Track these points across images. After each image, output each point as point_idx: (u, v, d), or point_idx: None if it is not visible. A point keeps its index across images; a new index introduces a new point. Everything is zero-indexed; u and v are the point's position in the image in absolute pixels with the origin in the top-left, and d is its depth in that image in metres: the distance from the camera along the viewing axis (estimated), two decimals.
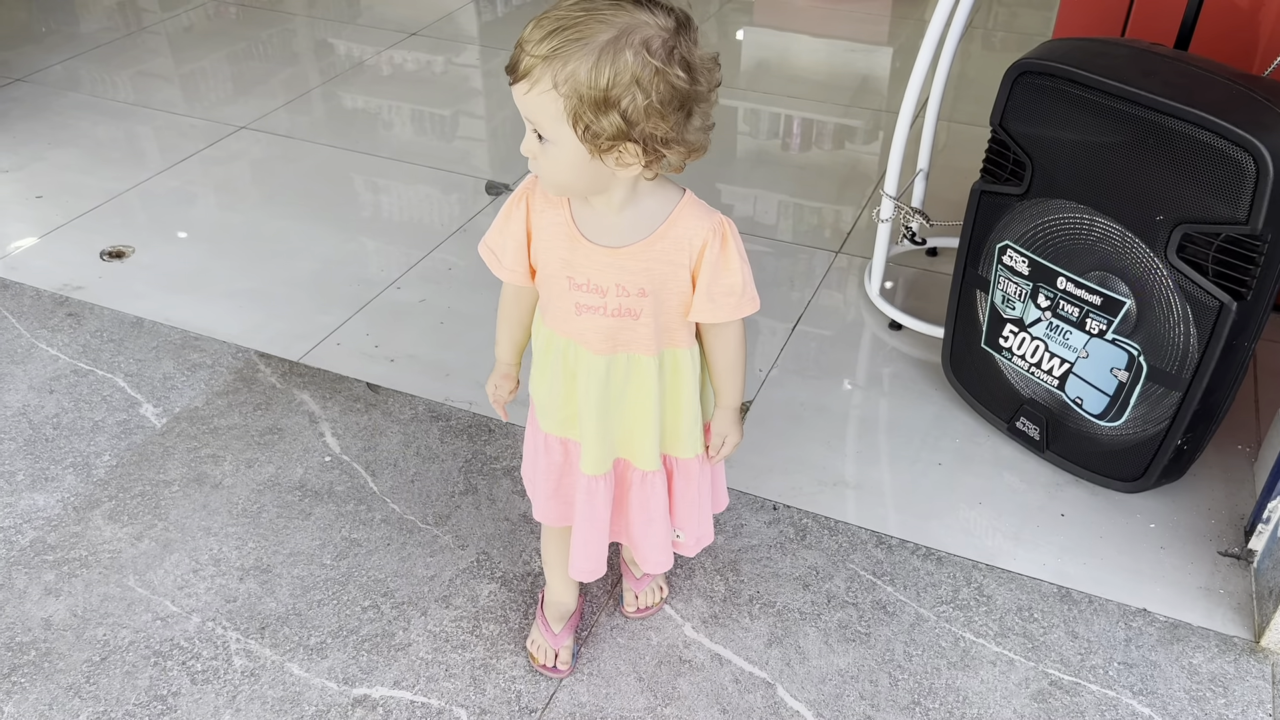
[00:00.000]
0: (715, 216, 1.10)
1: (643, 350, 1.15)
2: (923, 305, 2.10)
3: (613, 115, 0.95)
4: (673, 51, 0.96)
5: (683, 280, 1.11)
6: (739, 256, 1.10)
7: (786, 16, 3.63)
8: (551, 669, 1.38)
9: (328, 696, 1.36)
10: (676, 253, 1.09)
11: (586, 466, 1.23)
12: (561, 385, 1.20)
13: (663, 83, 0.95)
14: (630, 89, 0.95)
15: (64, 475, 1.69)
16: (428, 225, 2.40)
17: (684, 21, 0.98)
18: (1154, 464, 1.58)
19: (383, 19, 3.53)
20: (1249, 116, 1.34)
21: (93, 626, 1.44)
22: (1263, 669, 1.41)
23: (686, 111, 0.99)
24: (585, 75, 0.94)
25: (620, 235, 1.09)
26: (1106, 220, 1.51)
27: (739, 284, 1.11)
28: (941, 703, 1.36)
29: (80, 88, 3.00)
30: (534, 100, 0.98)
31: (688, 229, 1.09)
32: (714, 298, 1.12)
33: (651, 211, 1.09)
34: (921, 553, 1.57)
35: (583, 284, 1.12)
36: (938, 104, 2.02)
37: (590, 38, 0.94)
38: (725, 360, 1.20)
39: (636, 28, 0.95)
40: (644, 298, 1.11)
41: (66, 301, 2.10)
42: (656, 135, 0.97)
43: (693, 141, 1.01)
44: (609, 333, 1.14)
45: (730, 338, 1.18)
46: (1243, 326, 1.43)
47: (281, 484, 1.68)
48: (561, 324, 1.17)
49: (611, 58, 0.94)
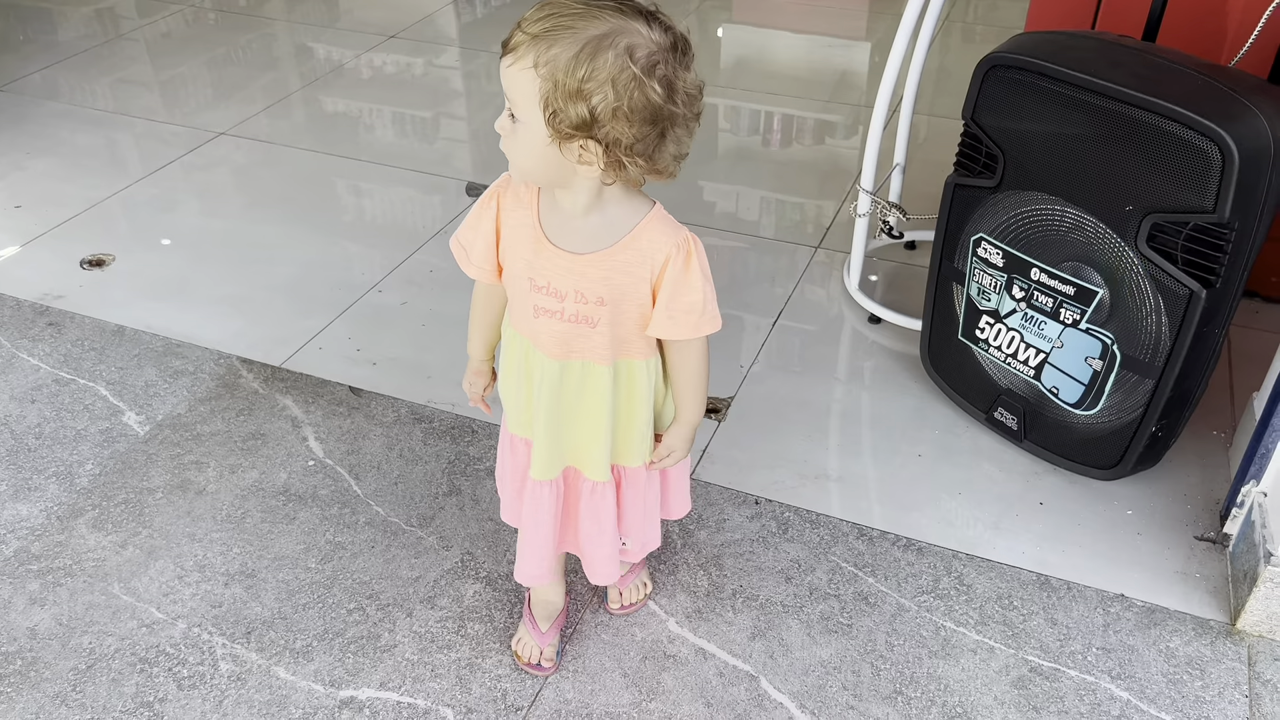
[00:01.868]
0: (681, 233, 1.09)
1: (597, 359, 1.15)
2: (902, 299, 2.11)
3: (580, 107, 0.96)
4: (655, 66, 0.96)
5: (643, 294, 1.11)
6: (702, 275, 1.10)
7: (765, 13, 3.64)
8: (536, 667, 1.39)
9: (314, 699, 1.37)
10: (638, 265, 1.09)
11: (535, 471, 1.24)
12: (523, 385, 1.21)
13: (638, 91, 0.96)
14: (604, 87, 0.95)
15: (47, 485, 1.69)
16: (409, 228, 2.40)
17: (680, 45, 0.98)
18: (1130, 451, 1.60)
19: (362, 22, 3.53)
20: (1214, 106, 1.36)
21: (78, 635, 1.45)
22: (1238, 651, 1.43)
23: (660, 130, 0.99)
24: (565, 63, 0.95)
25: (584, 242, 1.10)
26: (1078, 211, 1.52)
27: (699, 303, 1.11)
28: (923, 691, 1.38)
29: (59, 96, 2.99)
30: (514, 75, 0.98)
31: (652, 243, 1.09)
32: (673, 315, 1.11)
33: (617, 221, 1.09)
34: (902, 543, 1.59)
35: (543, 287, 1.12)
36: (913, 98, 2.04)
37: (581, 29, 0.95)
38: (686, 376, 1.20)
39: (627, 32, 0.96)
40: (602, 307, 1.11)
41: (47, 311, 2.10)
42: (620, 141, 0.98)
43: (658, 162, 1.01)
44: (563, 338, 1.14)
45: (692, 354, 1.18)
46: (1213, 314, 1.45)
47: (265, 489, 1.68)
48: (521, 324, 1.18)
49: (593, 53, 0.95)
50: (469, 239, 1.17)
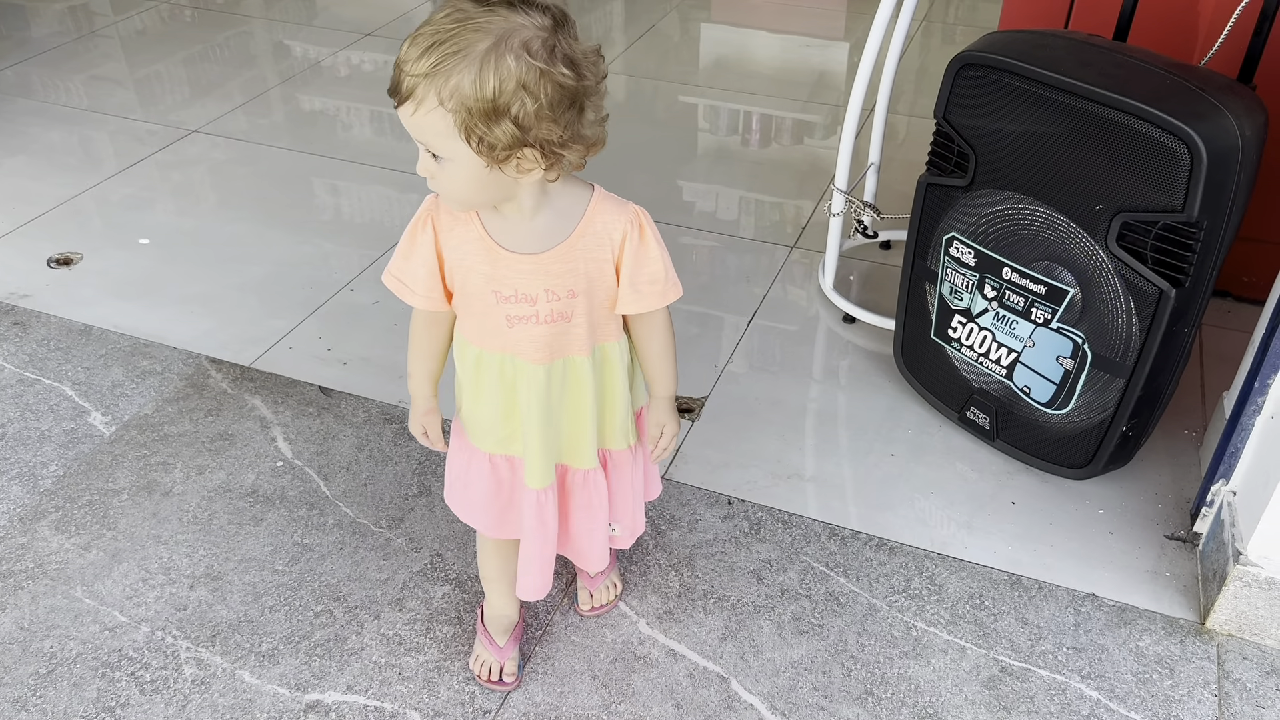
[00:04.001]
0: (629, 207, 1.10)
1: (578, 352, 1.15)
2: (876, 298, 2.11)
3: (504, 123, 0.94)
4: (554, 50, 0.95)
5: (608, 275, 1.12)
6: (657, 244, 1.11)
7: (744, 13, 3.64)
8: (498, 683, 1.36)
9: (280, 703, 1.35)
10: (598, 248, 1.09)
11: (533, 481, 1.22)
12: (501, 401, 1.18)
13: (549, 83, 0.94)
14: (518, 94, 0.93)
15: (9, 486, 1.66)
16: (383, 226, 2.38)
17: (560, 19, 0.97)
18: (1101, 450, 1.60)
19: (339, 20, 3.50)
20: (1183, 105, 1.36)
21: (39, 639, 1.43)
22: (1208, 650, 1.43)
23: (578, 108, 0.98)
24: (470, 87, 0.92)
25: (540, 240, 1.08)
26: (1049, 210, 1.52)
27: (661, 272, 1.12)
28: (894, 692, 1.37)
29: (32, 93, 2.96)
30: (421, 120, 0.96)
31: (606, 223, 1.09)
32: (638, 288, 1.12)
33: (566, 211, 1.08)
34: (874, 543, 1.58)
35: (510, 295, 1.10)
36: (887, 98, 2.03)
37: (468, 48, 0.92)
38: (655, 347, 1.21)
39: (514, 31, 0.93)
40: (574, 299, 1.11)
41: (12, 310, 2.07)
42: (551, 139, 0.97)
43: (589, 137, 1.00)
44: (546, 340, 1.13)
45: (658, 325, 1.19)
46: (1182, 313, 1.45)
47: (233, 490, 1.66)
48: (493, 339, 1.14)
49: (494, 65, 0.92)
50: (404, 269, 1.12)
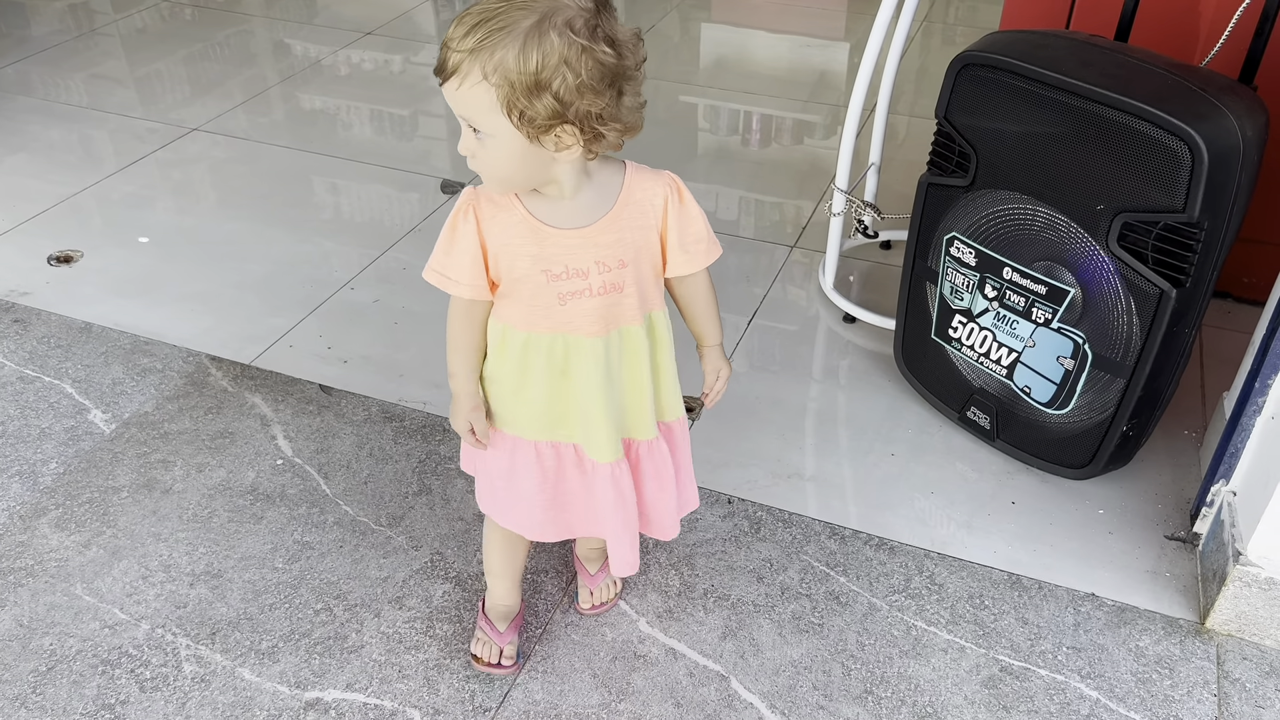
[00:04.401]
0: (664, 175, 1.14)
1: (632, 321, 1.17)
2: (877, 298, 2.11)
3: (545, 98, 0.97)
4: (596, 29, 0.97)
5: (653, 243, 1.15)
6: (695, 205, 1.15)
7: (744, 13, 3.64)
8: (496, 666, 1.37)
9: (279, 701, 1.35)
10: (642, 216, 1.12)
11: (602, 455, 1.21)
12: (547, 385, 1.17)
13: (590, 60, 0.97)
14: (560, 69, 0.96)
15: (9, 484, 1.66)
16: (383, 225, 2.38)
17: (602, 2, 0.99)
18: (1101, 450, 1.60)
19: (339, 18, 3.50)
20: (1184, 106, 1.36)
21: (39, 636, 1.42)
22: (1208, 650, 1.43)
23: (617, 89, 1.00)
24: (514, 62, 0.95)
25: (584, 215, 1.10)
26: (1050, 210, 1.52)
27: (704, 230, 1.16)
28: (894, 691, 1.37)
29: (32, 91, 2.96)
30: (465, 95, 0.99)
31: (646, 191, 1.12)
32: (687, 248, 1.16)
33: (605, 185, 1.11)
34: (874, 543, 1.58)
35: (561, 273, 1.11)
36: (888, 98, 2.03)
37: (513, 25, 0.95)
38: (703, 303, 1.25)
39: (558, 10, 0.96)
40: (624, 269, 1.13)
41: (12, 308, 2.07)
42: (592, 113, 0.99)
43: (628, 120, 1.03)
44: (600, 312, 1.14)
45: (701, 283, 1.23)
46: (1183, 313, 1.45)
47: (233, 488, 1.66)
48: (543, 321, 1.14)
49: (538, 41, 0.95)
50: (446, 263, 1.11)
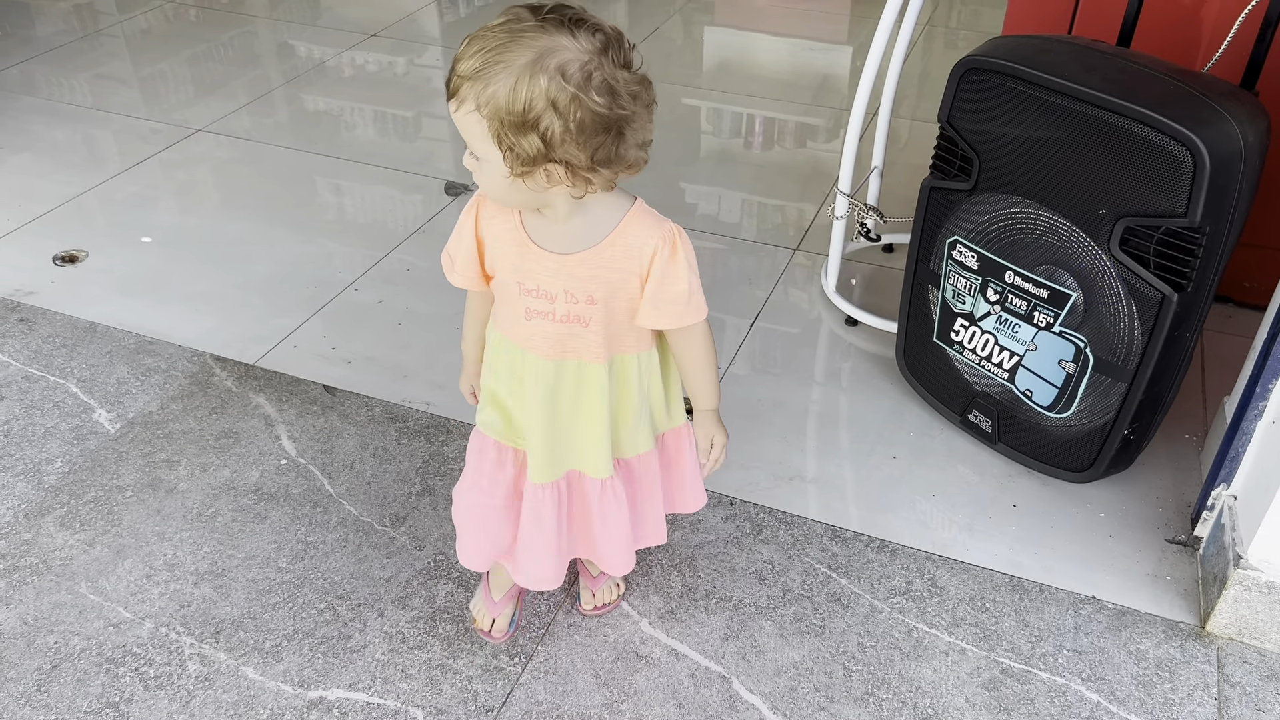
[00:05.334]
0: (666, 225, 1.10)
1: (593, 358, 1.15)
2: (879, 301, 2.12)
3: (532, 137, 0.96)
4: (590, 76, 0.96)
5: (633, 288, 1.12)
6: (687, 265, 1.11)
7: (747, 16, 3.65)
8: (486, 634, 1.41)
9: (283, 700, 1.35)
10: (626, 260, 1.10)
11: (535, 475, 1.23)
12: (514, 391, 1.21)
13: (579, 109, 0.96)
14: (547, 113, 0.95)
15: (14, 483, 1.67)
16: (387, 226, 2.39)
17: (611, 43, 0.98)
18: (1102, 454, 1.60)
19: (343, 20, 3.51)
20: (1186, 111, 1.37)
21: (44, 634, 1.43)
22: (1208, 653, 1.43)
23: (615, 133, 0.99)
24: (504, 99, 0.96)
25: (569, 242, 1.10)
26: (1052, 214, 1.53)
27: (684, 293, 1.12)
28: (895, 693, 1.38)
29: (37, 91, 2.97)
30: (462, 119, 1.00)
31: (638, 237, 1.09)
32: (658, 305, 1.12)
33: (601, 219, 1.10)
34: (876, 545, 1.59)
35: (532, 289, 1.12)
36: (891, 102, 2.04)
37: (510, 61, 0.95)
38: (692, 363, 1.21)
39: (555, 51, 0.95)
40: (593, 305, 1.11)
41: (18, 307, 2.08)
42: (576, 162, 0.98)
43: (627, 158, 1.02)
44: (556, 339, 1.14)
45: (693, 340, 1.19)
46: (1184, 317, 1.46)
47: (237, 488, 1.67)
48: (511, 329, 1.17)
49: (528, 82, 0.95)
50: (454, 249, 1.18)
